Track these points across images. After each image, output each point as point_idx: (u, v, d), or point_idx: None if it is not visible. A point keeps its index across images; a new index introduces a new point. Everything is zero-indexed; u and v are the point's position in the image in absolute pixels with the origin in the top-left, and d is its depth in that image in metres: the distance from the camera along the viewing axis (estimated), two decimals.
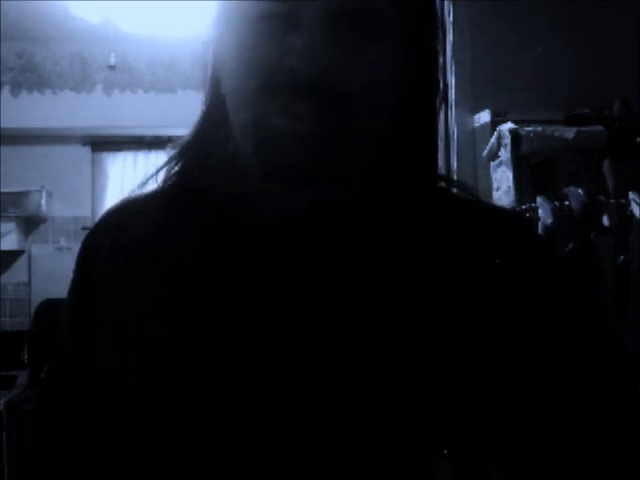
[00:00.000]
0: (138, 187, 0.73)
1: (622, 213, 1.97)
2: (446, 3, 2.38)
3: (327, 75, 0.59)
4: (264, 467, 0.60)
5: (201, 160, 0.69)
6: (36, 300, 4.40)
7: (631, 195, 1.97)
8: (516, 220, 0.74)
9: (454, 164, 2.37)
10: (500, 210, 0.86)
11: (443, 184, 0.72)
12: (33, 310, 4.36)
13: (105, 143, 4.77)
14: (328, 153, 0.60)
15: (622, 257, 1.93)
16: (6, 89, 4.44)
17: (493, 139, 2.24)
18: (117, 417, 0.66)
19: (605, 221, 1.96)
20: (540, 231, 1.99)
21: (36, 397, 0.78)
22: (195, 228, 0.67)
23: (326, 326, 0.62)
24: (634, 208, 1.95)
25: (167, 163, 0.71)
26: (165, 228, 0.68)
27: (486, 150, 2.28)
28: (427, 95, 0.68)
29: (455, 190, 0.73)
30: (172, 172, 0.71)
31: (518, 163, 2.18)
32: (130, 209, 0.73)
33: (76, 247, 0.66)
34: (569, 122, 2.26)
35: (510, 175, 2.19)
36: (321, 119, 0.59)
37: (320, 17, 0.59)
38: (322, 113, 0.59)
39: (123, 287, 0.68)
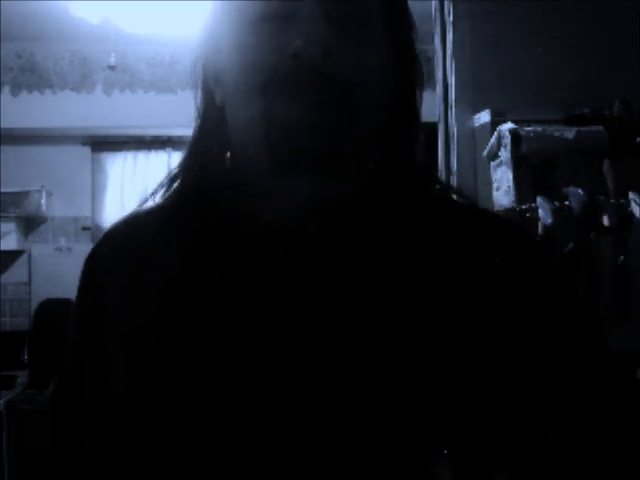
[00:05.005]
0: (148, 197, 0.74)
1: (622, 213, 1.97)
2: (446, 3, 2.38)
3: (329, 58, 0.61)
4: (264, 467, 0.60)
5: (201, 167, 0.71)
6: (36, 300, 4.40)
7: (631, 195, 1.98)
8: (512, 224, 0.75)
9: (454, 164, 2.37)
10: (496, 215, 0.88)
11: (439, 188, 0.73)
12: (33, 310, 4.35)
13: (105, 143, 4.76)
14: (335, 136, 0.62)
15: (622, 257, 1.94)
16: (6, 89, 4.43)
17: (493, 139, 2.24)
18: (116, 420, 0.66)
19: (605, 221, 1.96)
20: (540, 231, 1.99)
21: (47, 411, 0.78)
22: (197, 236, 0.67)
23: (324, 327, 0.62)
24: (634, 208, 1.95)
25: (169, 178, 0.73)
26: (168, 238, 0.69)
27: (486, 150, 2.28)
28: (415, 85, 0.71)
29: (450, 194, 0.74)
30: (174, 182, 0.72)
31: (518, 163, 2.18)
32: (135, 223, 0.74)
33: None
34: (569, 122, 2.26)
35: (510, 175, 2.19)
36: (327, 102, 0.62)
37: (315, 5, 0.62)
38: (328, 96, 0.62)
39: (125, 295, 0.69)
